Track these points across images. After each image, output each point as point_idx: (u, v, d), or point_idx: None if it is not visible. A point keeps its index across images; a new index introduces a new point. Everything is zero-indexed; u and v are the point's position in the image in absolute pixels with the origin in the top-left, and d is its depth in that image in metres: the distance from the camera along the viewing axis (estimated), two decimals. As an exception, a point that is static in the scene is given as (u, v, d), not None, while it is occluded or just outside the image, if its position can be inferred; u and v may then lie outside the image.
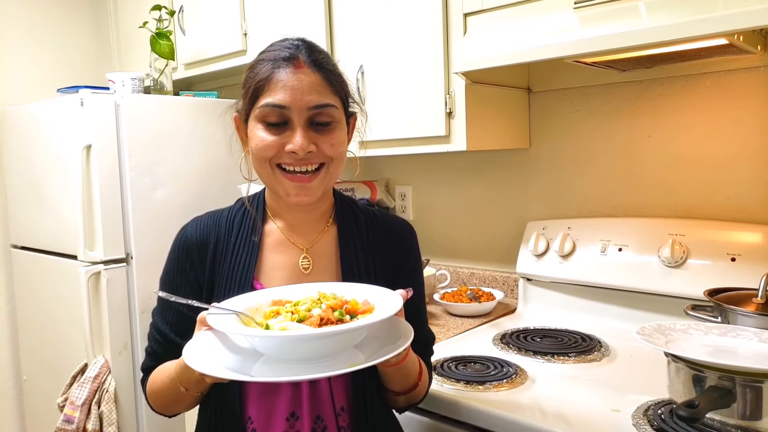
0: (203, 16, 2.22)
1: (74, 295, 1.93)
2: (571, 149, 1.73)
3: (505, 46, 1.36)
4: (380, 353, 0.75)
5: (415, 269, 1.06)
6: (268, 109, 0.89)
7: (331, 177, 0.95)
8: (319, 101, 0.90)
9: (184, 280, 0.96)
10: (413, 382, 0.96)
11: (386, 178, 2.20)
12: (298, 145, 0.88)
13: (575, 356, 1.32)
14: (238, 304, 0.82)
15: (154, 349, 0.99)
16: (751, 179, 1.43)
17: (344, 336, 0.74)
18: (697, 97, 1.49)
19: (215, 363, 0.75)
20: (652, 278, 1.43)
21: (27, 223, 2.25)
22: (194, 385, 0.87)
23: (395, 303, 0.78)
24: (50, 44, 2.66)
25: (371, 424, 0.93)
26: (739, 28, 1.04)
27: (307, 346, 0.73)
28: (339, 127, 0.94)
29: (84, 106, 1.85)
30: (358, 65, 1.74)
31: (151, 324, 1.01)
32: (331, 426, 0.91)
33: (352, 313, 0.78)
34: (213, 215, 1.01)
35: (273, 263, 0.97)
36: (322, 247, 0.99)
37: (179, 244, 0.99)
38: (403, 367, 0.90)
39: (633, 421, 0.99)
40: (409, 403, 1.02)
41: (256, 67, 0.93)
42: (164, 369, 0.94)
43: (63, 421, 1.85)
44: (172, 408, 0.98)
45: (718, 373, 0.89)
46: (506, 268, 1.89)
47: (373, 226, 1.02)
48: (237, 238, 0.97)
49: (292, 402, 0.90)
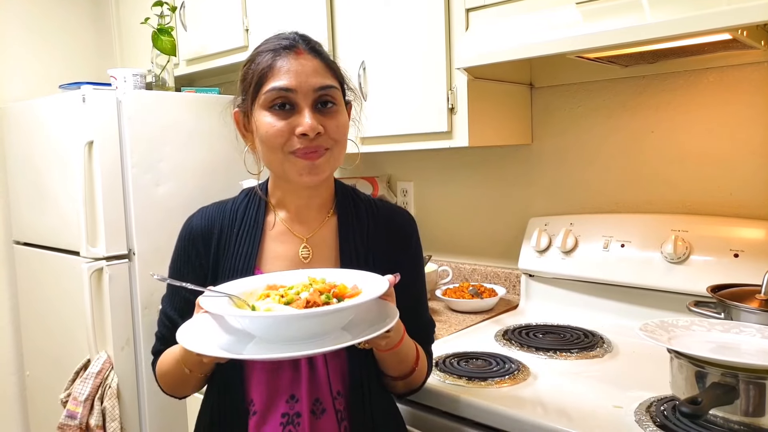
0: (205, 12, 2.22)
1: (77, 291, 1.93)
2: (574, 145, 1.72)
3: (508, 41, 1.36)
4: (365, 333, 0.78)
5: (415, 259, 1.07)
6: (274, 93, 0.91)
7: (335, 160, 0.97)
8: (324, 83, 0.93)
9: (190, 269, 1.00)
10: (410, 368, 0.98)
11: (388, 174, 2.20)
12: (308, 125, 0.90)
13: (577, 352, 1.32)
14: (234, 288, 0.85)
15: (162, 334, 1.03)
16: (754, 175, 1.42)
17: (328, 317, 0.77)
18: (700, 93, 1.49)
19: (209, 343, 0.78)
20: (655, 274, 1.43)
21: (29, 219, 2.26)
22: (196, 366, 0.90)
23: (380, 286, 0.80)
24: (52, 40, 2.66)
25: (368, 409, 0.95)
26: (743, 23, 1.04)
27: (292, 325, 0.76)
28: (342, 110, 0.97)
29: (86, 103, 1.85)
30: (360, 61, 1.73)
31: (161, 310, 1.04)
32: (329, 408, 0.93)
33: (339, 297, 0.81)
34: (218, 206, 1.04)
35: (275, 253, 0.99)
36: (322, 237, 1.01)
37: (185, 234, 1.02)
38: (399, 352, 0.92)
39: (635, 417, 0.99)
40: (409, 389, 1.04)
41: (256, 59, 0.95)
42: (171, 352, 0.97)
43: (66, 417, 1.86)
44: (179, 390, 1.02)
45: (721, 369, 0.89)
46: (508, 264, 1.89)
47: (373, 216, 1.04)
48: (240, 228, 1.00)
49: (292, 384, 0.93)
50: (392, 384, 1.01)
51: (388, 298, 0.84)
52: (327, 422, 0.93)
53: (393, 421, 1.04)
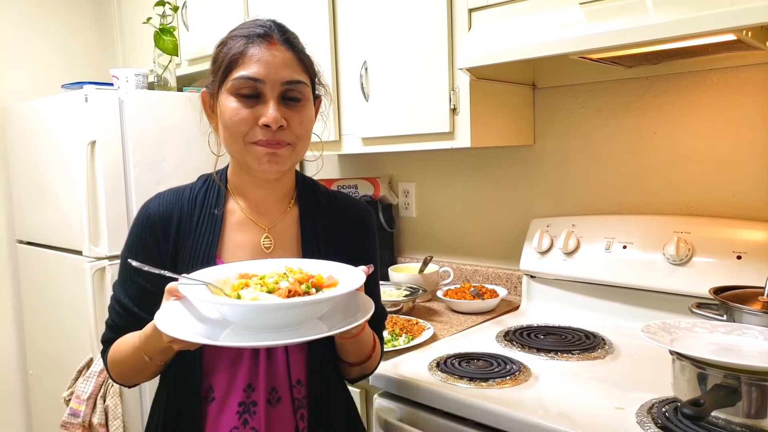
0: (206, 11, 2.22)
1: (79, 290, 1.94)
2: (576, 146, 1.72)
3: (510, 42, 1.36)
4: (341, 324, 0.80)
5: (372, 249, 1.09)
6: (242, 81, 0.91)
7: (297, 155, 0.97)
8: (292, 77, 0.93)
9: (147, 256, 0.96)
10: (367, 354, 1.01)
11: (389, 175, 2.20)
12: (271, 117, 0.90)
13: (579, 354, 1.32)
14: (207, 276, 0.85)
15: (115, 322, 1.00)
16: (757, 176, 1.42)
17: (311, 307, 0.79)
18: (703, 94, 1.48)
19: (185, 329, 0.79)
20: (657, 276, 1.42)
21: (32, 218, 2.26)
22: (159, 354, 0.89)
23: (358, 278, 0.83)
24: (54, 41, 2.66)
25: (326, 396, 0.98)
26: (747, 24, 1.03)
27: (275, 315, 0.77)
28: (308, 106, 0.96)
29: (88, 102, 1.85)
30: (362, 61, 1.73)
31: (112, 297, 1.01)
32: (285, 397, 0.94)
33: (317, 287, 0.83)
34: (176, 192, 1.02)
35: (235, 242, 0.99)
36: (284, 228, 1.01)
37: (142, 220, 0.99)
38: (360, 339, 0.95)
39: (637, 419, 0.99)
40: (362, 374, 1.07)
41: (229, 43, 0.95)
42: (127, 339, 0.96)
43: (69, 415, 1.86)
44: (133, 378, 1.00)
45: (724, 371, 0.89)
46: (510, 265, 1.88)
47: (333, 207, 1.05)
48: (200, 216, 0.99)
49: (250, 373, 0.94)
50: (347, 369, 1.04)
51: (360, 288, 0.86)
52: (283, 410, 0.94)
53: (347, 407, 1.06)
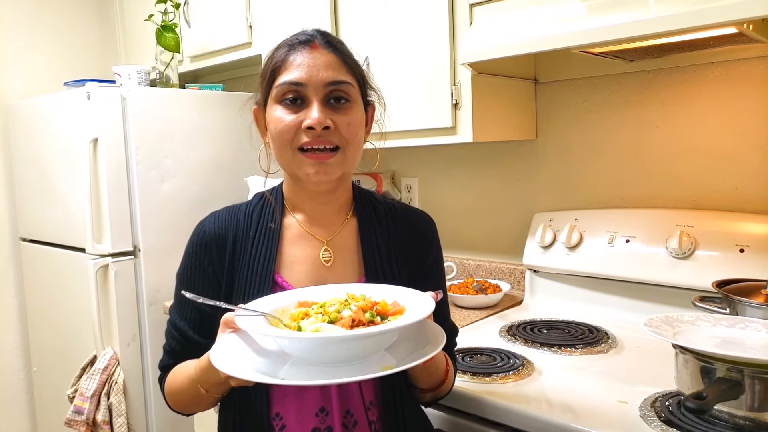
0: (208, 8, 2.22)
1: (83, 287, 1.95)
2: (578, 140, 1.72)
3: (512, 36, 1.35)
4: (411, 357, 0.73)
5: (437, 261, 1.04)
6: (285, 87, 0.90)
7: (348, 162, 0.93)
8: (335, 77, 0.90)
9: (202, 276, 0.95)
10: (440, 380, 0.96)
11: (392, 170, 2.20)
12: (314, 119, 0.87)
13: (582, 348, 1.32)
14: (264, 306, 0.80)
15: (172, 347, 0.98)
16: (760, 169, 1.42)
17: (377, 338, 0.72)
18: (705, 87, 1.48)
19: (242, 365, 0.73)
20: (660, 269, 1.42)
21: (35, 216, 2.27)
22: (215, 387, 0.85)
23: (427, 305, 0.76)
24: (56, 38, 2.66)
25: (401, 418, 0.92)
26: (748, 16, 1.03)
27: (339, 348, 0.71)
28: (356, 108, 0.93)
29: (90, 100, 1.85)
30: (364, 57, 1.72)
31: (169, 321, 0.99)
32: (361, 420, 0.90)
33: (382, 315, 0.77)
34: (231, 210, 1.00)
35: (293, 256, 0.96)
36: (343, 240, 0.98)
37: (197, 239, 0.97)
38: (430, 366, 0.90)
39: (640, 412, 0.99)
40: (436, 398, 1.01)
41: (273, 55, 0.94)
42: (183, 369, 0.93)
43: (73, 412, 1.87)
44: (191, 408, 0.97)
45: (727, 364, 0.88)
46: (513, 260, 1.88)
47: (393, 218, 1.01)
48: (256, 232, 0.96)
49: (322, 397, 0.89)
50: (421, 395, 0.99)
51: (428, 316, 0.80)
52: None
53: (423, 427, 1.02)
